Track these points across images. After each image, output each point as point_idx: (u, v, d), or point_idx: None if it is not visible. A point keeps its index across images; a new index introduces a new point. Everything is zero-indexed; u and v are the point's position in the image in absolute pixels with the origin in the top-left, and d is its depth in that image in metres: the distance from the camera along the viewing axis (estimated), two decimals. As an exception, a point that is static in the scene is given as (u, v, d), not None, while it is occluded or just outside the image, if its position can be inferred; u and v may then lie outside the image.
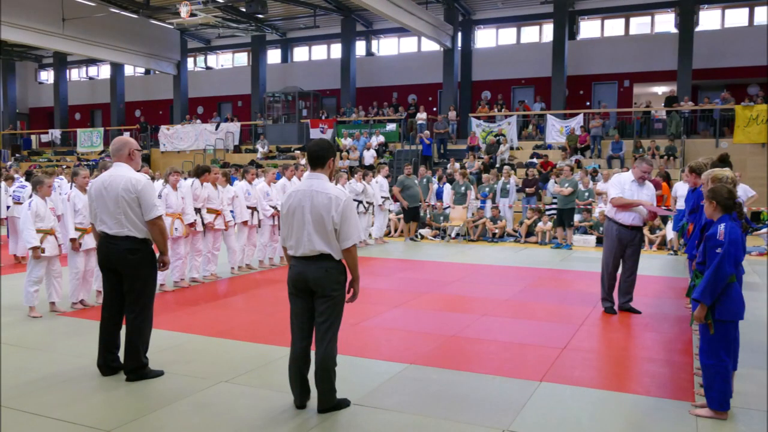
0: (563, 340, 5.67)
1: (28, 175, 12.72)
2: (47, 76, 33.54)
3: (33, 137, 31.13)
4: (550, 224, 13.25)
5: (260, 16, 22.42)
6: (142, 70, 30.08)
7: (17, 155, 27.70)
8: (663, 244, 12.38)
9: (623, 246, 6.71)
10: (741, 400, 4.14)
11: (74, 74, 33.19)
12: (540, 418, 3.93)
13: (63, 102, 29.90)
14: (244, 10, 21.27)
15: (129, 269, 4.51)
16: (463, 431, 3.73)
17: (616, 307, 6.82)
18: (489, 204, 14.45)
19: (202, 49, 29.78)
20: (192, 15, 19.98)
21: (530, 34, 24.54)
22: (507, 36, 24.69)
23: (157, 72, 28.07)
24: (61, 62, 29.81)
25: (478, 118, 20.75)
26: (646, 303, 7.12)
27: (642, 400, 4.25)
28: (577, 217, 13.29)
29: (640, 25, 22.94)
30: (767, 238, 11.77)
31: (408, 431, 3.74)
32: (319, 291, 3.85)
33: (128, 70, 29.65)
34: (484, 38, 24.99)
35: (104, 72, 31.72)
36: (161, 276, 7.58)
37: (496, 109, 21.85)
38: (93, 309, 6.69)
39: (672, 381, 4.66)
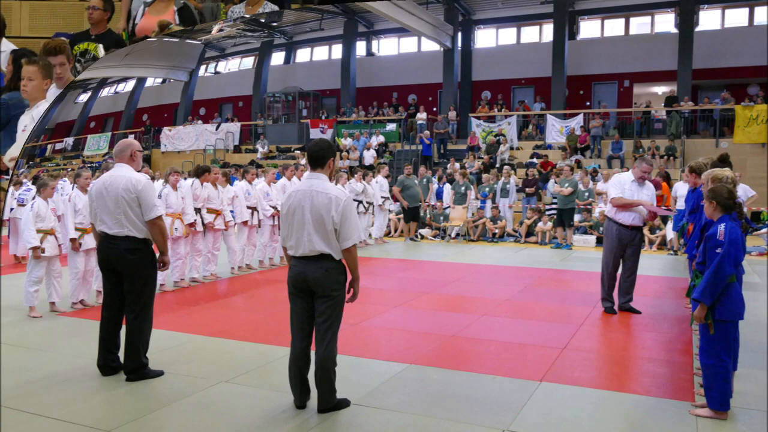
0: (563, 340, 5.67)
1: (36, 179, 12.69)
2: (84, 96, 33.55)
3: (48, 146, 31.24)
4: (550, 224, 13.25)
5: (274, 24, 22.60)
6: (159, 80, 30.17)
7: (31, 162, 27.80)
8: (663, 244, 12.37)
9: (623, 246, 6.70)
10: (741, 400, 4.14)
11: (104, 91, 33.33)
12: (540, 418, 3.93)
13: (84, 115, 29.95)
14: (263, 21, 21.43)
15: (129, 269, 4.51)
16: (463, 431, 3.73)
17: (616, 307, 6.81)
18: (489, 204, 14.43)
19: (215, 57, 29.83)
20: (219, 31, 20.10)
21: (530, 34, 24.52)
22: (507, 36, 24.66)
23: (172, 80, 28.15)
24: (99, 84, 29.82)
25: (478, 118, 20.73)
26: (646, 303, 7.11)
27: (642, 400, 4.24)
28: (577, 217, 13.29)
29: (640, 25, 22.92)
30: (767, 238, 11.77)
31: (408, 431, 3.74)
32: (319, 291, 3.86)
33: (147, 81, 29.75)
34: (484, 38, 24.96)
35: (129, 85, 31.85)
36: (161, 276, 7.56)
37: (496, 109, 21.83)
38: (93, 309, 6.69)
39: (672, 381, 4.66)
